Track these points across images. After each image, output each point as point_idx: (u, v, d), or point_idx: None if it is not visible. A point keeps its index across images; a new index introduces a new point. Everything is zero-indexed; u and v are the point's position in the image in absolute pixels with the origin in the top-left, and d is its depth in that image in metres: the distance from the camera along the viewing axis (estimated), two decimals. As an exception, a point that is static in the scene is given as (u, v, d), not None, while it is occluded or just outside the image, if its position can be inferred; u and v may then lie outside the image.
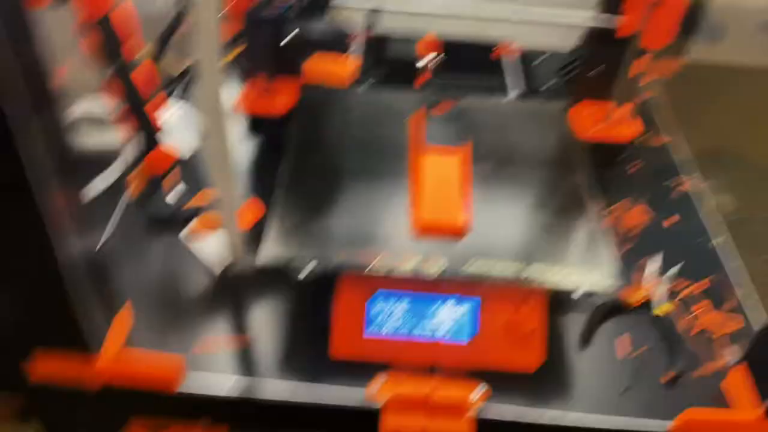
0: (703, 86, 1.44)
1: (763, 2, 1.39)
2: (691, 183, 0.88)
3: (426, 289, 0.62)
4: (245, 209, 0.67)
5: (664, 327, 0.68)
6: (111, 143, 0.78)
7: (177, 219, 0.67)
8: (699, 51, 0.82)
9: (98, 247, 0.56)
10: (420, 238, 0.61)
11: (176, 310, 0.66)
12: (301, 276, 0.57)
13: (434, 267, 0.58)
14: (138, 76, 0.61)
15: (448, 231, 0.61)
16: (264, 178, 0.78)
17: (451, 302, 0.62)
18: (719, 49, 1.30)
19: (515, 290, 0.62)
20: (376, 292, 0.61)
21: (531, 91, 0.93)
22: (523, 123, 0.78)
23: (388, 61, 0.94)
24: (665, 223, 0.80)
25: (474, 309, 0.62)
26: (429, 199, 0.63)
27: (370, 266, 0.58)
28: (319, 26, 0.74)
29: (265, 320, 0.65)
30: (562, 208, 0.67)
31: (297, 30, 0.73)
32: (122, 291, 0.63)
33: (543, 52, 1.02)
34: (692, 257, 0.76)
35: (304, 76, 0.81)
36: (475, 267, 0.59)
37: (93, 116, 0.78)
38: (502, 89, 0.94)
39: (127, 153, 0.75)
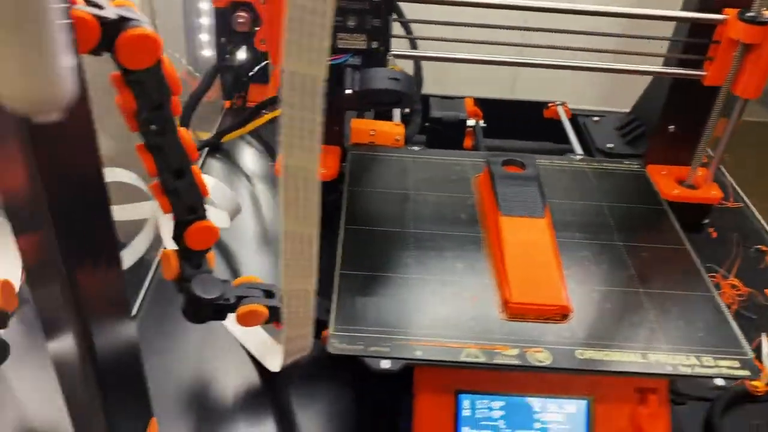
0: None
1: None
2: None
3: (524, 388, 0.55)
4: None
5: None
6: (143, 214, 0.71)
7: (222, 305, 0.56)
8: None
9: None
10: (512, 323, 0.55)
11: (224, 417, 0.59)
12: (378, 367, 0.51)
13: (536, 359, 0.53)
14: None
15: (548, 313, 0.56)
16: None
17: (557, 404, 0.55)
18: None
19: (632, 385, 0.55)
20: (464, 393, 0.55)
21: (595, 151, 0.90)
22: (602, 184, 0.75)
23: (430, 122, 0.91)
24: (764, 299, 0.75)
25: (586, 411, 0.55)
26: (520, 274, 0.58)
27: (456, 359, 0.52)
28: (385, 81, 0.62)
29: (332, 422, 0.59)
30: (671, 279, 0.62)
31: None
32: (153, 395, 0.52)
33: (596, 113, 0.99)
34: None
35: (351, 135, 0.78)
36: (584, 358, 0.53)
37: (124, 183, 0.71)
38: (559, 150, 0.91)
39: (159, 224, 0.68)
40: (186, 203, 0.53)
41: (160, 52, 0.43)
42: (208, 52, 0.90)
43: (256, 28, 0.67)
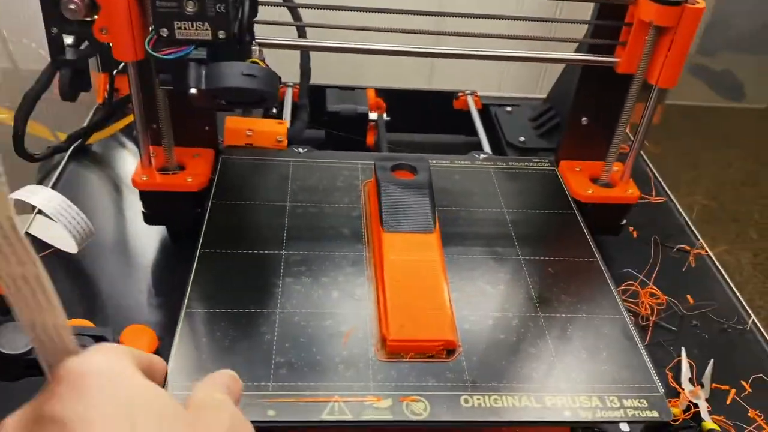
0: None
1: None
2: (701, 250, 0.77)
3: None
4: (135, 341, 0.49)
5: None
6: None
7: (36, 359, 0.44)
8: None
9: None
10: (389, 365, 0.47)
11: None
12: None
13: (412, 411, 0.44)
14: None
15: (431, 350, 0.48)
16: (164, 291, 0.64)
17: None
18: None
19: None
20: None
21: (506, 145, 0.82)
22: (507, 187, 0.67)
23: (327, 115, 0.82)
24: (684, 307, 0.69)
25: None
26: (400, 304, 0.50)
27: (317, 418, 0.43)
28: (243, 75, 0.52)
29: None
30: (576, 300, 0.54)
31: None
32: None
33: (515, 101, 0.90)
34: (726, 348, 0.65)
35: (225, 136, 0.67)
36: (468, 407, 0.45)
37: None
38: (469, 145, 0.83)
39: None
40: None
41: None
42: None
43: (95, 16, 0.55)
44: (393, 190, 0.59)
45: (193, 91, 0.50)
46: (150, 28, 0.51)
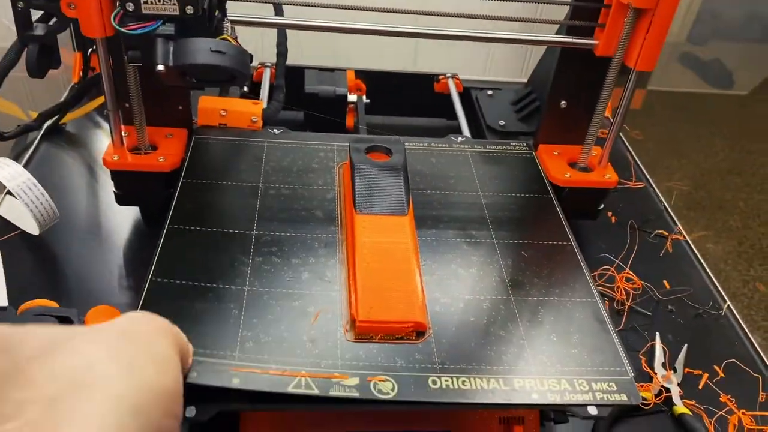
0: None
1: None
2: (679, 236, 0.77)
3: (373, 420, 0.47)
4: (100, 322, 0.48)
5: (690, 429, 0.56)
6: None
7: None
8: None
9: None
10: (357, 345, 0.46)
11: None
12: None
13: (379, 389, 0.43)
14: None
15: (401, 331, 0.47)
16: (135, 273, 0.63)
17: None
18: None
19: (496, 416, 0.48)
20: None
21: (486, 129, 0.81)
22: (484, 170, 0.66)
23: (305, 97, 0.81)
24: (659, 292, 0.69)
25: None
26: (370, 285, 0.49)
27: (283, 390, 0.42)
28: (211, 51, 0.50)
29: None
30: (549, 283, 0.54)
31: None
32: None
33: (493, 86, 0.89)
34: (700, 333, 0.65)
35: (199, 115, 0.66)
36: (436, 388, 0.44)
37: None
38: (450, 128, 0.82)
39: None
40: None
41: None
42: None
43: (64, -10, 0.54)
44: (367, 171, 0.58)
45: (160, 67, 0.49)
46: (117, 3, 0.50)
